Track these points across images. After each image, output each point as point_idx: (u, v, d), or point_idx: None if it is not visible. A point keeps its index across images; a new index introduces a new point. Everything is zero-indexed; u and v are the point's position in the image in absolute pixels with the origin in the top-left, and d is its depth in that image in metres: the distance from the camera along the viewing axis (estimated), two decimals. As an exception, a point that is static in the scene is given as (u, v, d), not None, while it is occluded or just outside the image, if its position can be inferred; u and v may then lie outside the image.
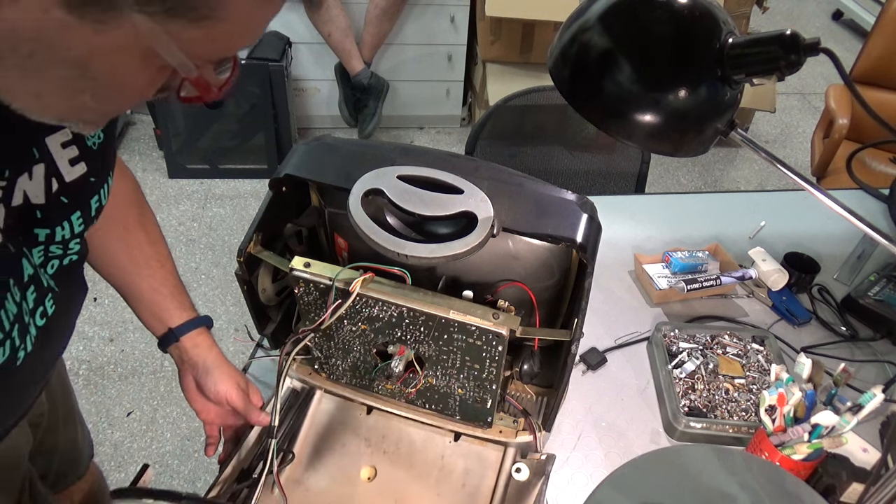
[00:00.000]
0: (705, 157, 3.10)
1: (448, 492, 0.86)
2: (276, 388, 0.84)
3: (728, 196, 1.56)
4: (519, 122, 1.71)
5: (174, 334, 0.86)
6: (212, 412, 0.89)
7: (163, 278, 0.87)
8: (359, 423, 0.93)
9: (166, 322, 0.86)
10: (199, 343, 0.87)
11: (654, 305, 1.21)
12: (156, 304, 0.87)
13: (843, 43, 4.11)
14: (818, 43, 0.58)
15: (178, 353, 0.88)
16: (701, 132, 0.67)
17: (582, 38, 0.66)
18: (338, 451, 0.90)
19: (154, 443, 1.87)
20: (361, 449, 0.90)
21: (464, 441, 0.91)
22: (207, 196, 2.71)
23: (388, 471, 0.88)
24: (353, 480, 0.87)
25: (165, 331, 0.87)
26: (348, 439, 0.91)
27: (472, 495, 0.85)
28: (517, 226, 0.78)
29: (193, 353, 0.87)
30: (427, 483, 0.87)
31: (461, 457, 0.89)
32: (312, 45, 2.78)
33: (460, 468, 0.88)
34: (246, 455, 0.87)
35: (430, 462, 0.89)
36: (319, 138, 0.90)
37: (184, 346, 0.87)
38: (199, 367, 0.87)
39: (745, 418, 0.98)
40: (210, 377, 0.86)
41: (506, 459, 0.88)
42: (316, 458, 0.89)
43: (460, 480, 0.87)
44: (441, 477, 0.87)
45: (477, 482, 0.87)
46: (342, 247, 0.94)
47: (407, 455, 0.90)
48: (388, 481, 0.87)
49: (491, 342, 0.77)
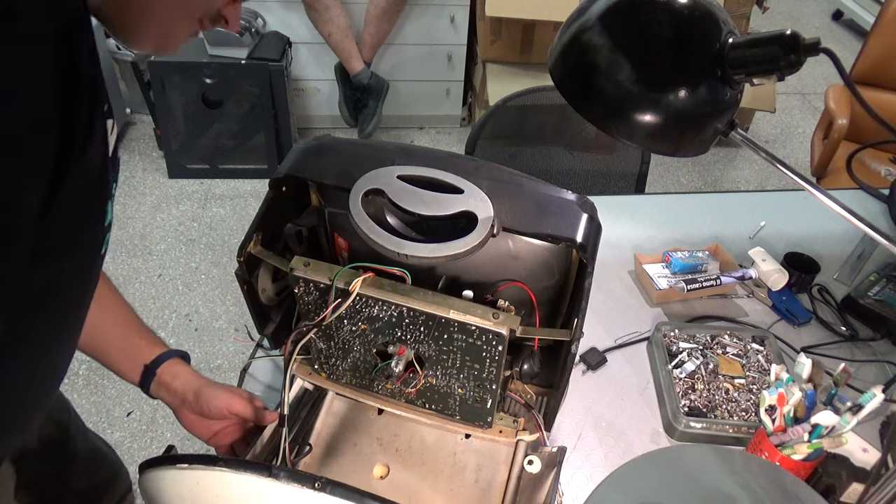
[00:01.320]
0: (705, 157, 3.10)
1: (461, 488, 0.86)
2: (285, 375, 0.82)
3: (728, 196, 1.56)
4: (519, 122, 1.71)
5: (150, 370, 0.84)
6: (219, 430, 0.87)
7: (126, 316, 0.85)
8: (370, 424, 0.93)
9: (140, 360, 0.84)
10: (178, 373, 0.85)
11: (654, 305, 1.21)
12: (128, 343, 0.84)
13: (843, 43, 4.11)
14: (818, 43, 0.59)
15: (162, 393, 0.86)
16: (701, 132, 0.67)
17: (582, 38, 0.66)
18: (350, 451, 0.90)
19: (154, 443, 1.87)
20: (374, 448, 0.90)
21: (475, 438, 0.91)
22: (207, 196, 2.71)
23: (401, 469, 0.88)
24: (367, 479, 0.87)
25: (141, 370, 0.84)
26: (360, 439, 0.91)
27: (485, 490, 0.86)
28: (517, 226, 0.78)
29: (175, 385, 0.84)
30: (440, 480, 0.87)
31: (473, 453, 0.89)
32: (312, 45, 2.78)
33: (472, 464, 0.88)
34: (262, 449, 0.87)
35: (442, 459, 0.89)
36: (319, 138, 0.90)
37: (163, 380, 0.84)
38: (188, 397, 0.85)
39: (745, 418, 0.98)
40: (203, 398, 0.84)
41: (517, 454, 0.88)
42: (329, 457, 0.89)
43: (473, 476, 0.87)
44: (454, 473, 0.88)
45: (489, 477, 0.87)
46: (342, 247, 0.94)
47: (419, 453, 0.90)
48: (401, 479, 0.87)
49: (491, 342, 0.77)
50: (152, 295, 2.27)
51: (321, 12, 2.56)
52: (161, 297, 2.26)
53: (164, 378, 0.84)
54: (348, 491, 0.57)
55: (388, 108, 2.90)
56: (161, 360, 0.85)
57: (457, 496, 0.86)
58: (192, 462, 0.61)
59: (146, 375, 0.85)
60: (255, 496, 0.59)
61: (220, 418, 0.86)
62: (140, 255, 2.41)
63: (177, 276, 2.36)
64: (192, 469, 0.61)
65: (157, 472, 0.64)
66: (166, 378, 0.85)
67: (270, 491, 0.58)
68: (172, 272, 2.37)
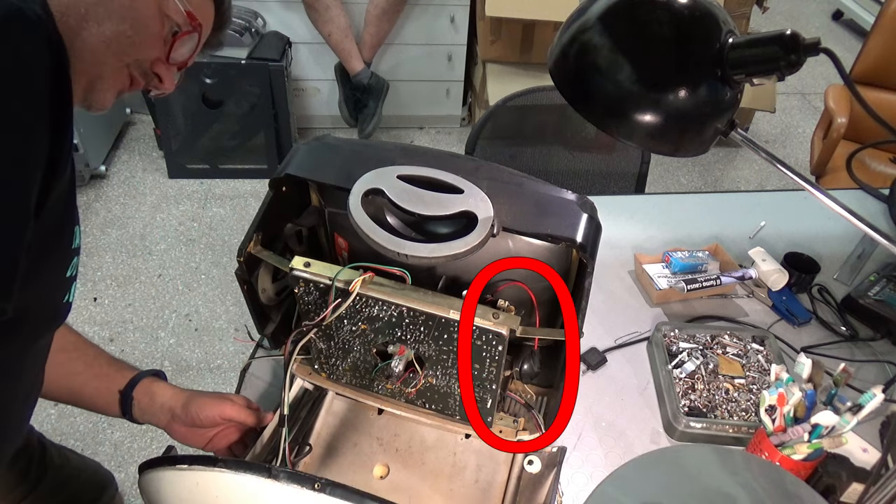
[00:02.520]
0: (705, 157, 3.10)
1: (461, 488, 0.86)
2: (285, 375, 0.82)
3: (728, 196, 1.56)
4: (519, 122, 1.71)
5: (126, 395, 0.83)
6: (214, 436, 0.86)
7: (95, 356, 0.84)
8: (370, 424, 0.93)
9: (113, 389, 0.83)
10: (155, 392, 0.84)
11: (654, 305, 1.21)
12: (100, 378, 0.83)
13: (843, 43, 4.11)
14: (818, 43, 0.59)
15: (147, 416, 0.84)
16: (701, 132, 0.67)
17: (582, 38, 0.66)
18: (350, 451, 0.90)
19: (154, 443, 1.87)
20: (374, 448, 0.90)
21: (475, 438, 0.91)
22: (207, 196, 2.71)
23: (401, 469, 0.88)
24: (367, 478, 0.87)
25: (118, 398, 0.83)
26: (360, 439, 0.91)
27: (485, 490, 0.86)
28: (517, 225, 0.78)
29: (156, 404, 0.83)
30: (440, 480, 0.87)
31: (473, 453, 0.90)
32: (312, 45, 2.78)
33: (472, 464, 0.88)
34: (262, 450, 0.87)
35: (443, 459, 0.89)
36: (319, 138, 0.90)
37: (142, 402, 0.83)
38: (176, 411, 0.83)
39: (745, 418, 0.98)
40: (192, 409, 0.83)
41: (517, 454, 0.88)
42: (329, 457, 0.89)
43: (473, 476, 0.87)
44: (454, 474, 0.88)
45: (489, 478, 0.87)
46: (342, 247, 0.94)
47: (419, 453, 0.90)
48: (401, 479, 0.87)
49: (491, 342, 0.77)
50: (152, 295, 2.27)
51: (321, 12, 2.56)
52: (161, 297, 2.26)
53: (143, 400, 0.83)
54: (348, 492, 0.57)
55: (388, 108, 2.90)
56: (134, 383, 0.83)
57: (457, 496, 0.86)
58: (192, 463, 0.61)
59: (124, 402, 0.83)
60: (255, 497, 0.59)
61: (212, 426, 0.85)
62: (140, 255, 2.41)
63: (177, 276, 2.36)
64: (192, 470, 0.61)
65: (157, 472, 0.64)
66: (145, 400, 0.83)
67: (270, 492, 0.58)
68: (172, 272, 2.37)
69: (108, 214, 2.58)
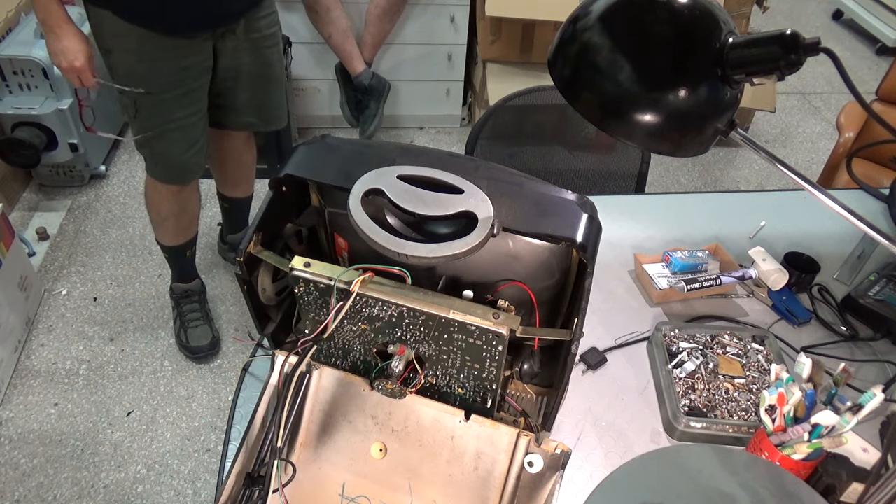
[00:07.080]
0: (705, 157, 3.10)
1: (460, 473, 0.85)
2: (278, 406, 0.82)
3: (728, 196, 1.56)
4: (519, 122, 1.71)
5: None
6: None
7: None
8: (363, 400, 0.91)
9: None
10: None
11: (654, 305, 1.21)
12: None
13: (843, 43, 4.11)
14: (818, 43, 0.59)
15: None
16: (701, 132, 0.67)
17: (582, 38, 0.66)
18: (346, 428, 0.89)
19: (154, 443, 1.87)
20: (369, 426, 0.89)
21: (474, 421, 0.89)
22: (207, 196, 2.70)
23: (399, 449, 0.87)
24: (366, 457, 0.87)
25: None
26: (354, 416, 0.90)
27: (485, 479, 0.85)
28: (517, 225, 0.78)
29: None
30: (438, 463, 0.86)
31: (473, 438, 0.88)
32: (312, 45, 2.78)
33: (472, 450, 0.87)
34: (248, 460, 0.87)
35: (441, 442, 0.88)
36: (319, 138, 0.90)
37: None
38: None
39: (745, 418, 0.98)
40: None
41: (518, 446, 0.87)
42: (325, 435, 0.88)
43: (472, 463, 0.86)
44: (452, 458, 0.87)
45: (489, 466, 0.86)
46: (342, 247, 0.94)
47: (416, 434, 0.88)
48: (399, 459, 0.87)
49: (491, 342, 0.77)
50: (152, 295, 2.27)
51: (322, 14, 2.56)
52: (161, 297, 2.26)
53: None
54: None
55: (388, 107, 2.90)
56: None
57: (456, 482, 0.85)
58: None
59: None
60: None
61: None
62: (140, 255, 2.41)
63: (177, 276, 2.36)
64: None
65: None
66: None
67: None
68: (172, 272, 2.37)
69: (108, 214, 2.58)
